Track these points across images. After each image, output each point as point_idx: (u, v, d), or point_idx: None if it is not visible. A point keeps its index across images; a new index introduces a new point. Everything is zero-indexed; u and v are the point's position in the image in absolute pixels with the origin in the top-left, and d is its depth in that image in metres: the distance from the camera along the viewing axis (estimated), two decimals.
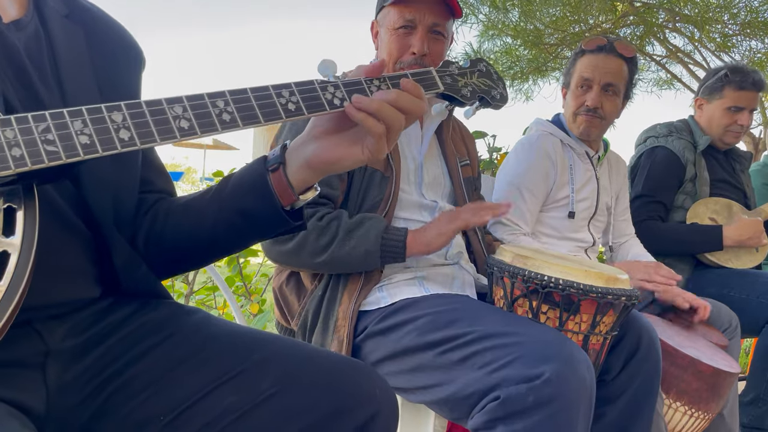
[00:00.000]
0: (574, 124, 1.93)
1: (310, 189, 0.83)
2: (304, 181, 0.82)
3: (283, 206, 0.82)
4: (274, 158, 0.82)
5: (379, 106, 0.76)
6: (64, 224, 0.76)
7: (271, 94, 0.74)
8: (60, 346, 0.76)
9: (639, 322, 1.38)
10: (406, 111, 0.79)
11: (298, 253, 1.32)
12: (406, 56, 1.42)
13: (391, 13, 1.43)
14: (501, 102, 1.03)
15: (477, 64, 1.01)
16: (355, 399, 0.79)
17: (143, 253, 0.88)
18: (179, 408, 0.76)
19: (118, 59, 0.88)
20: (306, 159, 0.80)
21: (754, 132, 5.38)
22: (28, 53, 0.75)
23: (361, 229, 1.31)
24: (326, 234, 1.31)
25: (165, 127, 0.67)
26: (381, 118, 0.76)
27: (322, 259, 1.31)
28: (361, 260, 1.31)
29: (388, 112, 0.77)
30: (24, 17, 0.78)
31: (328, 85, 0.79)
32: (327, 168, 0.81)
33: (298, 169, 0.81)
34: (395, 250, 1.32)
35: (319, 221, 1.32)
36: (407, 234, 1.33)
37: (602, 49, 1.87)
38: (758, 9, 4.23)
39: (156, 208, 0.91)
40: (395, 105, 0.78)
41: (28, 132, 0.60)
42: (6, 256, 0.59)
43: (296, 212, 0.85)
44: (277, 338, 0.86)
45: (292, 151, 0.82)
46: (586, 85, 1.89)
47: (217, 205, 0.85)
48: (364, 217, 1.34)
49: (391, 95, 0.78)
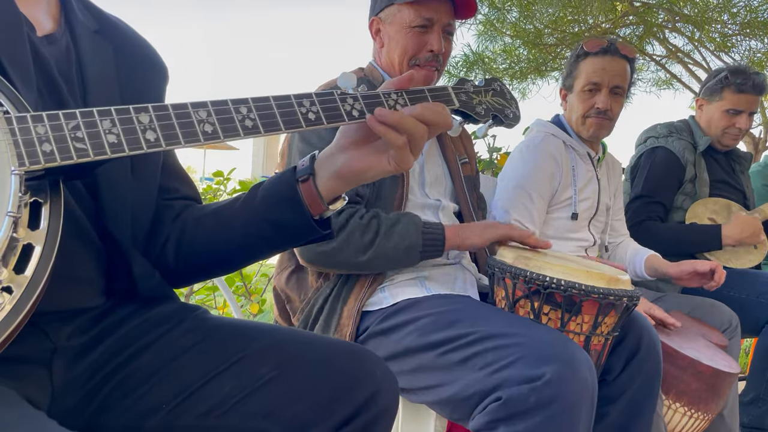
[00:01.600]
0: (583, 126, 1.94)
1: (338, 199, 0.86)
2: (333, 191, 0.84)
3: (313, 216, 0.84)
4: (304, 169, 0.84)
5: (399, 119, 0.78)
6: (79, 234, 0.78)
7: (292, 103, 0.77)
8: (66, 344, 0.77)
9: (640, 323, 1.38)
10: (430, 123, 0.81)
11: (341, 251, 1.31)
12: (422, 53, 1.45)
13: (405, 12, 1.45)
14: (514, 121, 1.06)
15: (491, 83, 1.05)
16: (354, 379, 0.80)
17: (173, 260, 0.90)
18: (180, 396, 0.78)
19: (143, 74, 0.91)
20: (336, 170, 0.83)
21: (754, 132, 5.38)
22: (58, 67, 0.78)
23: (400, 225, 1.33)
24: (369, 231, 1.32)
25: (190, 130, 0.69)
26: (402, 130, 0.78)
27: (366, 256, 1.32)
28: (403, 255, 1.33)
29: (410, 124, 0.79)
30: (56, 32, 0.81)
31: (348, 97, 0.81)
32: (356, 178, 0.83)
33: (328, 179, 0.83)
34: (435, 244, 1.34)
35: (361, 219, 1.33)
36: (445, 228, 1.36)
37: (607, 51, 1.87)
38: (758, 9, 4.23)
39: (184, 215, 0.93)
40: (419, 118, 0.80)
41: (58, 129, 0.62)
42: (31, 248, 0.61)
43: (324, 221, 0.87)
44: (276, 328, 0.88)
45: (322, 161, 0.84)
46: (594, 89, 1.89)
47: (247, 214, 0.87)
48: (400, 215, 1.36)
49: (416, 109, 0.80)
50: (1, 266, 0.58)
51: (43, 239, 0.61)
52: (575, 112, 1.94)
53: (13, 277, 0.59)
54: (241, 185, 3.06)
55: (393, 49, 1.48)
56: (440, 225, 1.37)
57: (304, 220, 0.84)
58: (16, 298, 0.58)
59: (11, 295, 0.58)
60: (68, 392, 0.76)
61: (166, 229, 0.91)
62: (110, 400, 0.78)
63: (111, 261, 0.83)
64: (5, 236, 0.57)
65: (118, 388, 0.79)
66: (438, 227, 1.36)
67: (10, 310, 0.58)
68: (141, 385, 0.79)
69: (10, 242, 0.58)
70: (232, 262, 0.95)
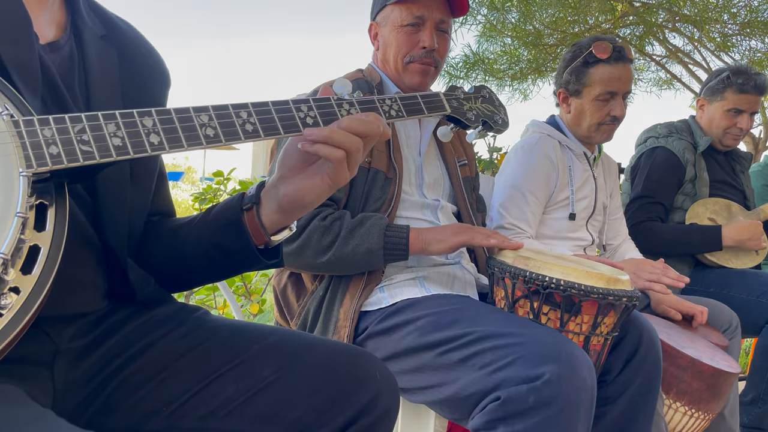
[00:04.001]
0: (596, 132, 1.94)
1: (284, 229, 0.86)
2: (277, 222, 0.84)
3: (257, 245, 0.84)
4: (249, 197, 0.84)
5: (329, 133, 0.77)
6: (80, 237, 0.78)
7: (290, 108, 0.79)
8: (68, 346, 0.78)
9: (639, 323, 1.39)
10: (361, 134, 0.79)
11: (301, 253, 1.32)
12: (415, 50, 1.46)
13: (396, 11, 1.46)
14: (503, 127, 1.09)
15: (481, 91, 1.08)
16: (355, 382, 0.81)
17: None
18: (182, 398, 0.78)
19: (146, 79, 0.91)
20: (278, 201, 0.82)
21: (754, 132, 5.38)
22: (61, 74, 0.79)
23: (363, 228, 1.32)
24: (329, 233, 1.31)
25: (192, 133, 0.71)
26: (335, 144, 0.78)
27: (325, 259, 1.31)
28: (364, 259, 1.32)
29: (340, 136, 0.78)
30: (60, 39, 0.81)
31: (344, 102, 0.83)
32: (296, 207, 0.82)
33: (271, 212, 0.83)
34: (399, 248, 1.32)
35: (323, 221, 1.33)
36: (410, 231, 1.34)
37: (619, 58, 1.86)
38: (758, 9, 4.23)
39: (148, 228, 0.93)
40: (349, 130, 0.79)
41: (65, 132, 0.63)
42: (37, 249, 0.62)
43: (272, 250, 0.87)
44: (276, 329, 0.88)
45: (267, 191, 0.84)
46: (609, 97, 1.89)
47: (198, 234, 0.87)
48: (365, 216, 1.35)
49: (343, 122, 0.79)
50: (9, 267, 0.59)
51: (49, 241, 0.62)
52: (587, 119, 1.93)
53: (21, 277, 0.60)
54: (241, 185, 3.07)
55: (388, 49, 1.49)
56: (406, 228, 1.34)
57: (247, 248, 0.83)
58: (24, 298, 0.59)
59: (19, 296, 0.59)
60: (70, 394, 0.77)
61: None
62: (111, 402, 0.78)
63: (110, 265, 0.83)
64: (14, 237, 0.58)
65: (120, 389, 0.79)
66: (403, 230, 1.34)
67: (18, 310, 0.58)
68: (142, 387, 0.79)
69: (17, 243, 0.59)
70: (185, 280, 0.94)
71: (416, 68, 1.47)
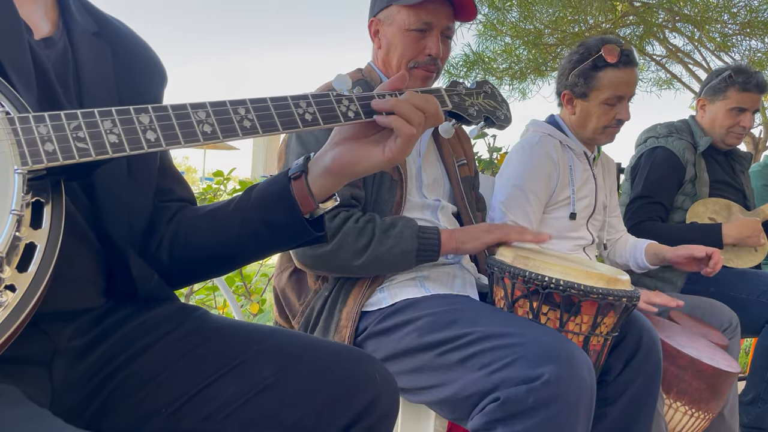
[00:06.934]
0: (602, 135, 1.94)
1: (330, 198, 0.86)
2: (325, 187, 0.85)
3: (303, 213, 0.84)
4: (297, 167, 0.85)
5: (396, 102, 0.80)
6: (77, 234, 0.78)
7: (289, 104, 0.78)
8: (66, 345, 0.77)
9: (639, 322, 1.38)
10: (423, 110, 0.82)
11: (336, 255, 1.31)
12: (420, 57, 1.45)
13: (404, 14, 1.44)
14: (505, 123, 1.08)
15: (482, 86, 1.06)
16: (355, 384, 0.81)
17: (167, 261, 0.90)
18: (181, 400, 0.78)
19: (141, 76, 0.91)
20: (326, 165, 0.84)
21: (754, 132, 5.38)
22: (55, 70, 0.78)
23: (395, 230, 1.33)
24: (364, 235, 1.31)
25: (189, 130, 0.70)
26: (402, 114, 0.80)
27: (361, 261, 1.31)
28: (398, 260, 1.33)
29: (406, 107, 0.81)
30: (54, 35, 0.81)
31: (343, 98, 0.83)
32: (346, 171, 0.84)
33: (319, 176, 0.84)
34: (431, 248, 1.34)
35: (356, 223, 1.33)
36: (440, 232, 1.35)
37: (627, 62, 1.86)
38: (758, 9, 4.23)
39: (179, 217, 0.93)
40: (411, 103, 0.82)
41: (60, 129, 0.63)
42: (33, 246, 0.62)
43: (317, 223, 0.87)
44: (276, 330, 0.88)
45: (315, 160, 0.86)
46: (617, 102, 1.89)
47: (241, 215, 0.87)
48: (396, 219, 1.36)
49: (405, 95, 0.83)
50: (5, 264, 0.58)
51: (45, 238, 0.62)
52: (593, 122, 1.92)
53: (16, 275, 0.59)
54: (241, 185, 3.06)
55: (391, 51, 1.47)
56: (436, 229, 1.36)
57: (295, 219, 0.84)
58: (19, 296, 0.59)
59: (14, 294, 0.59)
60: (68, 394, 0.76)
61: (161, 230, 0.91)
62: (110, 403, 0.78)
63: (110, 262, 0.83)
64: (9, 235, 0.58)
65: (118, 390, 0.78)
66: (434, 232, 1.35)
67: (13, 308, 0.58)
68: (141, 388, 0.79)
69: (12, 241, 0.58)
70: (226, 263, 0.95)
71: (419, 74, 1.46)
